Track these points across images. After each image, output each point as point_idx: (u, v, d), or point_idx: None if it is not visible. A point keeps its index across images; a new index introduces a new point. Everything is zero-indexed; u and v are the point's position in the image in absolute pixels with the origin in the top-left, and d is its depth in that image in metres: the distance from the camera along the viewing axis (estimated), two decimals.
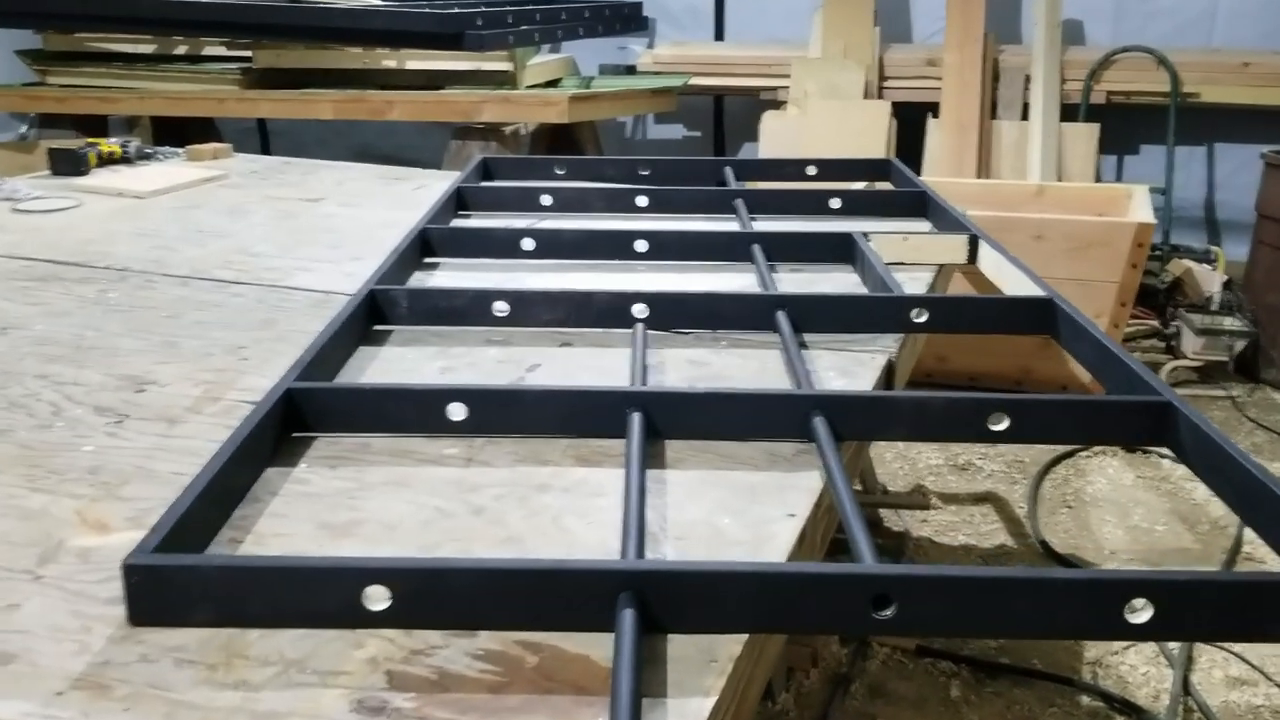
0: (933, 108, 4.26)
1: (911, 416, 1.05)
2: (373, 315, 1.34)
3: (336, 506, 0.93)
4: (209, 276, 1.60)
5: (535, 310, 1.34)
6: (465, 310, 1.34)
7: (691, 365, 1.25)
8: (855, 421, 1.05)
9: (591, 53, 4.69)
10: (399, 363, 1.25)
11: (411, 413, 1.05)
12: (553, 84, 4.19)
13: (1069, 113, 4.13)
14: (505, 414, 1.05)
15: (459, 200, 1.90)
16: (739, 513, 0.92)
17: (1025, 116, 4.15)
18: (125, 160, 2.39)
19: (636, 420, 1.02)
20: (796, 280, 1.54)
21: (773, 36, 4.74)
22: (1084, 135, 4.06)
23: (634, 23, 4.56)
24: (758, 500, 0.94)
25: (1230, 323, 3.42)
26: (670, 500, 0.94)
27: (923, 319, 1.33)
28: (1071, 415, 1.05)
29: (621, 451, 1.01)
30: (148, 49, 4.25)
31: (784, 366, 1.22)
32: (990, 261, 1.60)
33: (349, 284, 1.50)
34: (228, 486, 0.91)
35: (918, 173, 2.12)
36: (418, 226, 1.62)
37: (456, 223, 1.84)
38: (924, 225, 1.83)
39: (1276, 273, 3.60)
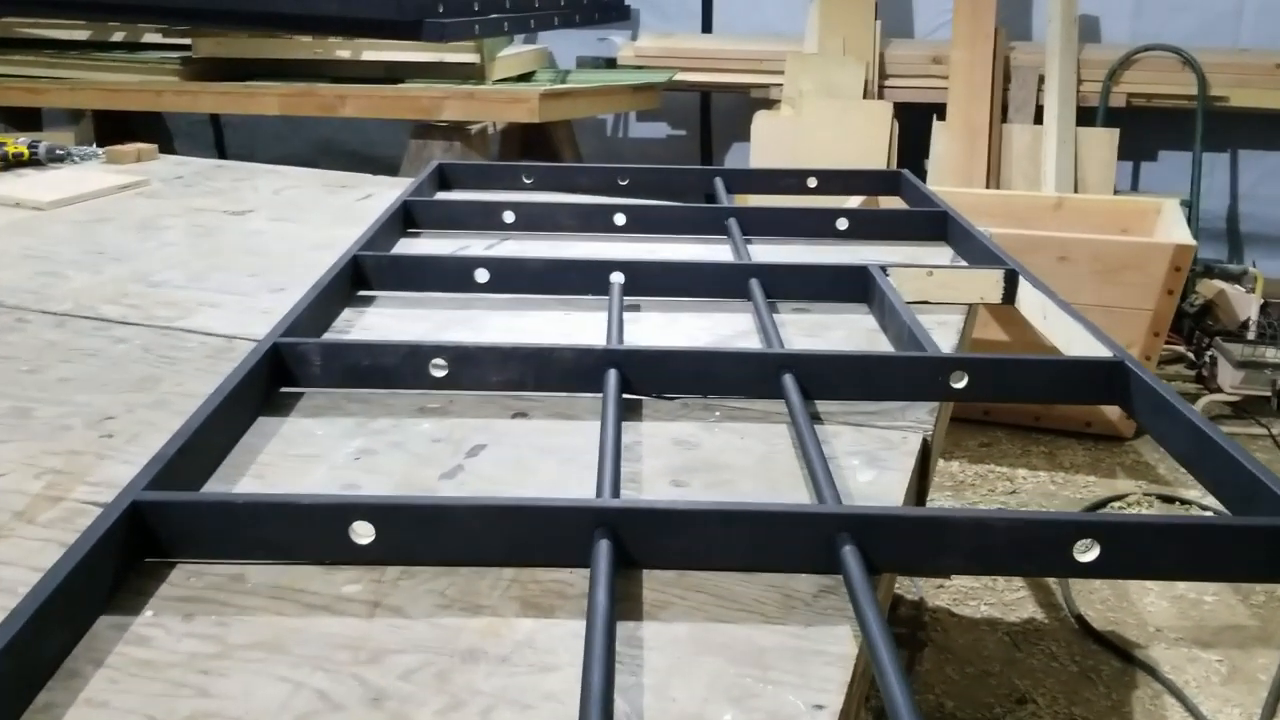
0: (938, 109, 3.98)
1: (971, 544, 0.79)
2: (278, 374, 1.07)
3: (180, 687, 0.67)
4: (93, 314, 1.32)
5: (482, 371, 1.08)
6: (394, 370, 1.07)
7: (678, 447, 0.99)
8: (896, 549, 0.79)
9: (569, 43, 4.41)
10: (303, 443, 0.99)
11: (301, 534, 0.79)
12: (525, 78, 3.89)
13: (1086, 116, 3.86)
14: (427, 535, 0.79)
15: (407, 216, 1.63)
16: (745, 700, 0.66)
17: (1039, 120, 3.88)
18: (35, 162, 2.10)
19: (604, 549, 0.76)
20: (803, 323, 1.29)
21: (766, 29, 4.48)
22: (1103, 141, 3.78)
23: (615, 12, 4.26)
24: (770, 675, 0.69)
25: (1273, 354, 3.14)
26: (649, 679, 0.68)
27: (962, 384, 1.08)
28: (1180, 543, 0.79)
29: (582, 591, 0.75)
30: (82, 35, 3.93)
31: (793, 449, 0.97)
32: (1032, 304, 1.35)
33: (261, 325, 1.23)
34: (28, 661, 0.65)
35: (922, 179, 1.86)
36: (348, 254, 1.35)
37: (403, 245, 1.58)
38: (945, 251, 1.59)
39: None
